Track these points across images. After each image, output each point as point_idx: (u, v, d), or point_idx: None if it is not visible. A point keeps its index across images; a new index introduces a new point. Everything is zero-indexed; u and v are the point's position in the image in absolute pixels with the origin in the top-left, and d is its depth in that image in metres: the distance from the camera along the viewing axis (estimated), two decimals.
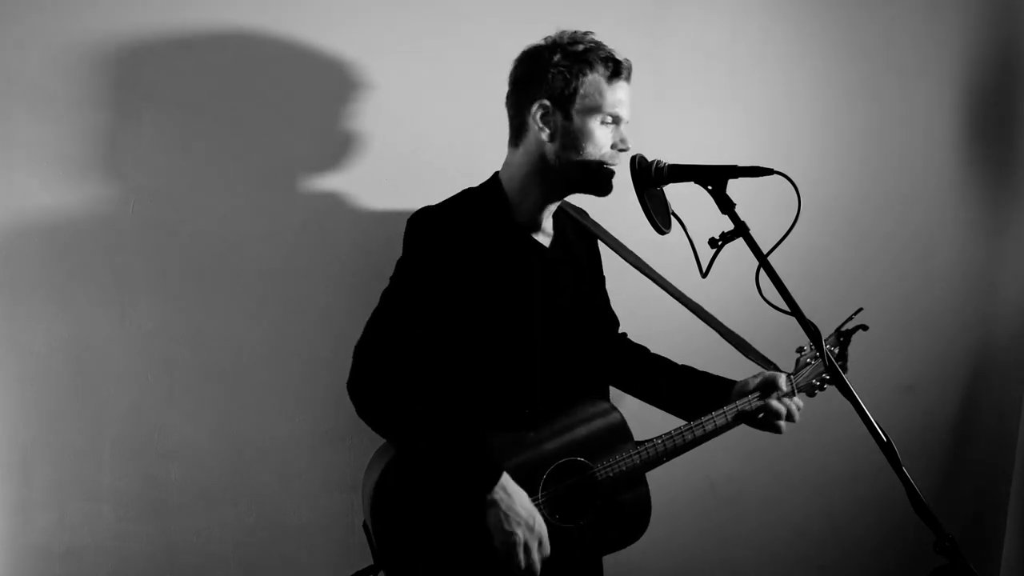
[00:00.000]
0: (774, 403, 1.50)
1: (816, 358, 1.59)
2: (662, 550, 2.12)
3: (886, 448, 1.16)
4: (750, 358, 1.59)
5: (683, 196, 1.49)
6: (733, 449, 2.16)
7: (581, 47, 1.38)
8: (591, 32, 1.43)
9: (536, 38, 1.46)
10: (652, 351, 1.73)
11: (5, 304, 1.54)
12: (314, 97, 1.68)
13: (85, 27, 1.53)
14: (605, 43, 1.42)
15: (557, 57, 1.38)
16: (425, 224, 1.41)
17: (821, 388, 1.62)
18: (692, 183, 1.33)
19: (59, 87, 1.52)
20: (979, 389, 2.51)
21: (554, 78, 1.38)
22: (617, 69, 1.40)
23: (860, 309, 1.62)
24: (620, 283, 1.73)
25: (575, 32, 1.42)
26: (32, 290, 1.55)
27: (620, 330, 1.76)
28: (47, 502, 1.60)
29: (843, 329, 1.63)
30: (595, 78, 1.38)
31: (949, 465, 2.51)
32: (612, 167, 1.43)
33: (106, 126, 1.56)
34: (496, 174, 1.50)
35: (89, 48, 1.53)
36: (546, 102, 1.39)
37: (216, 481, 1.71)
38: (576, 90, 1.38)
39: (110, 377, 1.62)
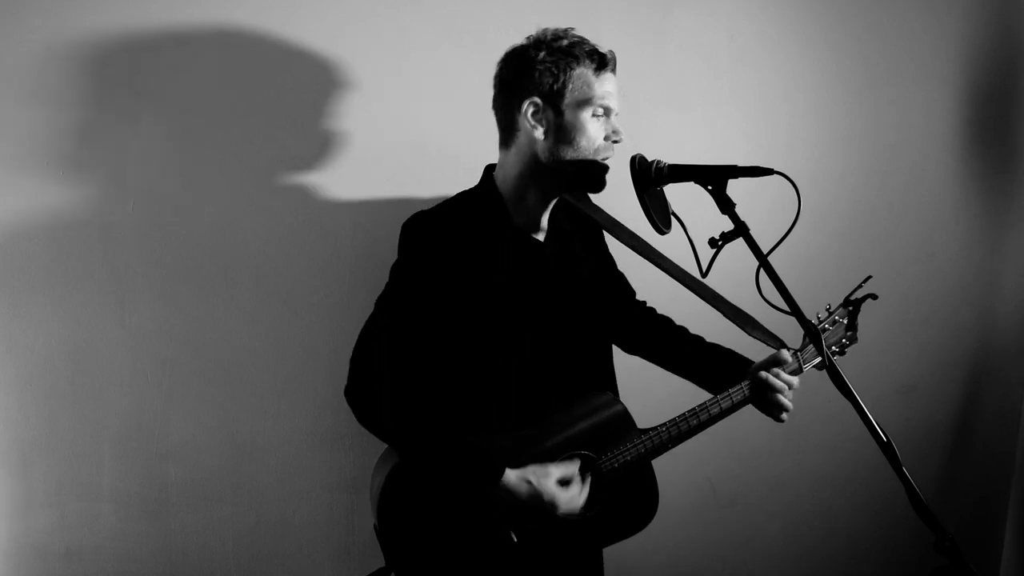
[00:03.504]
0: (772, 378, 1.48)
1: (825, 331, 1.58)
2: (662, 550, 2.13)
3: (886, 448, 1.16)
4: (754, 335, 1.57)
5: (683, 196, 1.49)
6: (733, 448, 2.16)
7: (565, 42, 1.38)
8: (573, 28, 1.42)
9: None
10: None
11: (5, 304, 1.54)
12: (314, 97, 1.68)
13: (85, 26, 1.53)
14: (588, 38, 1.41)
15: (543, 54, 1.38)
16: (419, 229, 1.40)
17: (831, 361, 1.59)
18: (692, 183, 1.33)
19: (59, 86, 1.52)
20: (979, 389, 2.51)
21: (541, 75, 1.37)
22: (603, 61, 1.39)
23: (869, 277, 1.58)
24: (620, 264, 1.72)
25: (557, 29, 1.41)
26: (32, 290, 1.55)
27: (640, 299, 1.76)
28: (47, 502, 1.60)
29: (852, 298, 1.61)
30: (582, 71, 1.38)
31: (949, 465, 2.51)
32: (606, 161, 1.42)
33: (106, 126, 1.56)
34: (491, 175, 1.49)
35: (89, 48, 1.53)
36: (536, 99, 1.38)
37: (216, 481, 1.71)
38: (565, 85, 1.37)
39: (110, 377, 1.62)
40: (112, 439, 1.63)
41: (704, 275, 1.36)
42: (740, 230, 1.26)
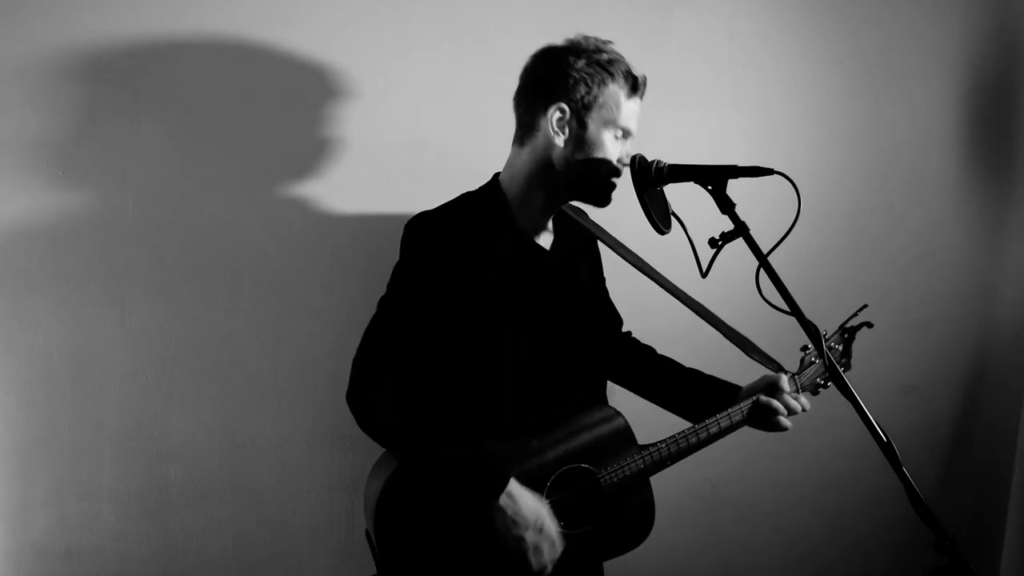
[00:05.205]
0: (775, 402, 1.50)
1: (815, 363, 1.59)
2: (662, 551, 2.12)
3: (886, 448, 1.16)
4: (753, 357, 1.58)
5: (683, 196, 1.49)
6: (733, 450, 2.15)
7: (605, 56, 1.37)
8: (611, 42, 1.41)
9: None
10: (658, 352, 1.72)
11: (5, 304, 1.54)
12: (314, 99, 1.68)
13: (85, 28, 1.53)
14: (624, 57, 1.41)
15: (581, 63, 1.36)
16: (423, 230, 1.38)
17: (824, 386, 1.61)
18: (692, 183, 1.33)
19: (60, 87, 1.52)
20: (979, 389, 2.51)
21: (576, 84, 1.36)
22: (635, 85, 1.39)
23: (865, 306, 1.60)
24: (620, 282, 1.73)
25: (598, 39, 1.40)
26: (32, 290, 1.55)
27: (624, 329, 1.76)
28: (47, 502, 1.60)
29: (847, 326, 1.62)
30: (615, 90, 1.37)
31: (949, 465, 2.51)
32: (615, 180, 1.42)
33: (106, 126, 1.56)
34: (496, 177, 1.48)
35: (89, 48, 1.53)
36: (564, 106, 1.36)
37: (216, 481, 1.71)
38: (596, 99, 1.36)
39: (110, 377, 1.62)
40: (112, 439, 1.63)
41: (704, 275, 1.36)
42: (740, 230, 1.26)
